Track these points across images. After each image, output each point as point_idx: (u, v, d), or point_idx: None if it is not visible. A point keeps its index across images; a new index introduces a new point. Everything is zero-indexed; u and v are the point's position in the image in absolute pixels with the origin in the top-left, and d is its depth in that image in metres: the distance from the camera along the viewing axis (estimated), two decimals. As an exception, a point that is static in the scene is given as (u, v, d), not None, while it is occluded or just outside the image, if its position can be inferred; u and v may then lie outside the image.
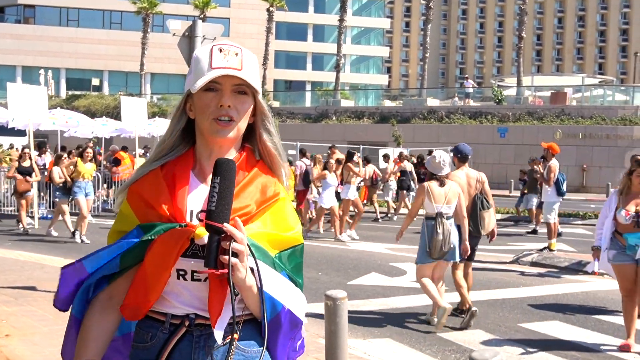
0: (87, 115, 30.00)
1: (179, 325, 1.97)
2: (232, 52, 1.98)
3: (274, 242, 2.01)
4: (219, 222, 1.80)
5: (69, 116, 22.77)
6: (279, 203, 2.05)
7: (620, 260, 6.78)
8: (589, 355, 6.71)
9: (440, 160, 7.64)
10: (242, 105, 1.99)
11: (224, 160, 1.87)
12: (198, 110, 2.01)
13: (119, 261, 1.96)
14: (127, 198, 2.05)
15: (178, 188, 1.98)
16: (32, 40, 61.40)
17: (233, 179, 1.85)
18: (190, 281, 1.95)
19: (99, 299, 2.03)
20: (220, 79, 1.97)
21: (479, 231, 8.21)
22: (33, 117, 15.76)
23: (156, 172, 2.05)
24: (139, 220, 1.98)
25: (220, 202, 1.82)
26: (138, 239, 1.93)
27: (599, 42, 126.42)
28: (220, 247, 1.82)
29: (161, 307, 1.99)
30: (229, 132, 1.98)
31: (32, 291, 8.30)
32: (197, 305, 1.96)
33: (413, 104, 41.10)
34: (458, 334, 7.36)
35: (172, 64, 57.48)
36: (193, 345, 1.97)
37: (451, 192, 7.62)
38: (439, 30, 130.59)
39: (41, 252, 11.85)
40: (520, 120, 35.29)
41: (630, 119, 33.14)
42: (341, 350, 5.79)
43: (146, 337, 2.01)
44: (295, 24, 69.91)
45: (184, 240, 1.89)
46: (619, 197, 6.86)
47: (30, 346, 5.95)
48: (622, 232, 6.76)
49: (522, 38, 43.89)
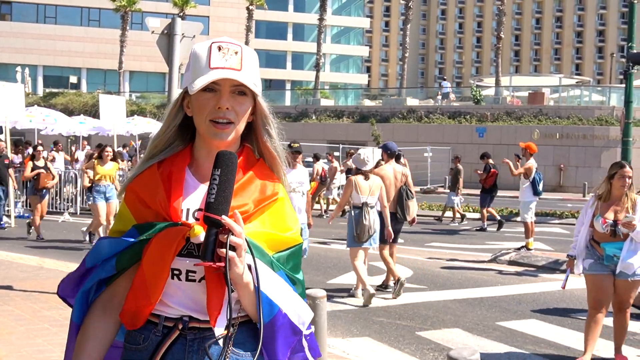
0: (65, 113, 29.79)
1: (172, 328, 1.93)
2: (232, 50, 1.93)
3: (272, 242, 1.97)
4: (218, 214, 1.77)
5: (46, 114, 22.58)
6: (278, 203, 2.01)
7: (596, 270, 6.21)
8: (566, 352, 6.78)
9: (365, 157, 8.79)
10: (241, 106, 1.95)
11: (226, 152, 1.83)
12: (195, 110, 1.96)
13: (115, 263, 1.93)
14: (125, 198, 2.02)
15: (174, 186, 1.94)
16: (8, 37, 60.66)
17: (234, 172, 1.82)
18: (185, 281, 1.91)
19: (100, 300, 1.99)
20: (219, 80, 1.91)
21: (405, 217, 9.55)
22: (10, 115, 15.60)
23: (153, 169, 2.00)
24: (136, 220, 1.95)
25: (220, 194, 1.78)
26: (133, 239, 1.90)
27: (576, 43, 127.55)
28: (217, 241, 1.78)
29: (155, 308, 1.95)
30: (226, 136, 1.93)
31: (9, 290, 8.21)
32: (192, 306, 1.92)
33: (392, 103, 41.20)
34: (436, 333, 7.40)
35: (150, 62, 57.16)
36: (186, 348, 1.93)
37: (374, 185, 8.82)
38: (418, 30, 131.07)
39: (17, 251, 11.73)
40: (499, 120, 35.49)
41: (607, 119, 33.46)
42: (321, 348, 5.80)
43: (139, 338, 1.97)
44: (275, 22, 69.84)
45: (179, 239, 1.85)
46: (597, 203, 6.30)
47: (6, 345, 5.89)
48: (600, 241, 6.21)
49: (500, 38, 44.16)
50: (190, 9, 48.62)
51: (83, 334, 1.98)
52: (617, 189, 6.24)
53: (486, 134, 34.97)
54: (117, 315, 1.96)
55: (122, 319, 1.94)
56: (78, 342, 1.99)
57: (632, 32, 13.77)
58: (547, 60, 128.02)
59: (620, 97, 34.12)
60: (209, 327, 1.91)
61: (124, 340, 2.03)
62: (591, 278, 6.28)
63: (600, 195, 6.32)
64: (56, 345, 5.87)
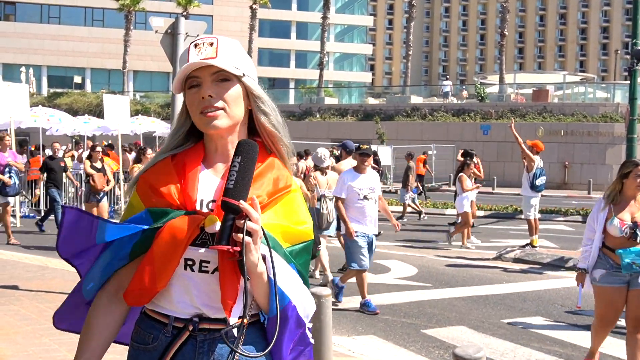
0: (69, 113, 29.84)
1: (182, 329, 1.92)
2: (207, 43, 1.95)
3: (286, 235, 1.96)
4: (236, 199, 1.77)
5: (50, 114, 22.61)
6: (291, 195, 2.01)
7: (608, 282, 5.53)
8: (572, 350, 6.77)
9: (322, 156, 9.90)
10: (225, 91, 1.95)
11: (247, 141, 1.86)
12: (188, 109, 1.99)
13: (129, 253, 1.92)
14: (137, 188, 2.01)
15: (189, 177, 1.95)
16: (12, 37, 60.77)
17: (254, 160, 1.83)
18: (198, 272, 1.90)
19: (106, 291, 1.99)
20: (198, 72, 1.94)
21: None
22: (14, 115, 15.62)
23: (166, 161, 2.01)
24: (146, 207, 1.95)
25: (239, 180, 1.79)
26: (147, 224, 1.89)
27: (580, 40, 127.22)
28: (234, 226, 1.78)
29: (165, 304, 1.94)
30: (219, 122, 1.93)
31: (15, 290, 8.23)
32: (203, 301, 1.91)
33: (396, 101, 41.17)
34: (442, 331, 7.40)
35: (154, 62, 57.17)
36: (196, 350, 1.92)
37: (331, 180, 9.67)
38: (422, 27, 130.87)
39: (23, 251, 11.76)
40: (503, 118, 35.44)
41: (611, 116, 33.40)
42: (325, 347, 5.80)
43: (148, 338, 1.96)
44: (278, 21, 69.82)
45: (194, 228, 1.86)
46: (609, 206, 5.62)
47: (12, 345, 5.90)
48: (614, 248, 5.51)
49: (504, 36, 44.11)
50: (193, 8, 48.64)
51: (87, 329, 1.98)
52: (631, 189, 5.60)
53: (490, 132, 34.94)
54: (124, 306, 1.98)
55: (126, 298, 1.93)
56: (85, 334, 1.98)
57: (636, 28, 13.71)
58: (551, 58, 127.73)
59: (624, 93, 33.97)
60: (219, 327, 1.91)
61: (131, 339, 2.03)
62: (602, 291, 5.62)
63: (610, 195, 5.68)
64: (62, 345, 5.88)
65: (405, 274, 10.67)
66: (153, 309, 1.96)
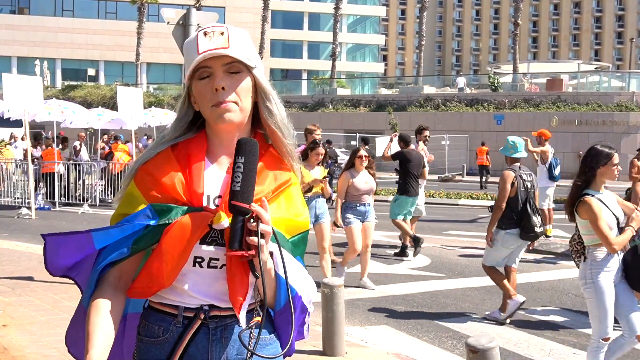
0: (83, 105, 29.92)
1: (193, 318, 1.90)
2: (217, 32, 1.90)
3: (288, 227, 1.96)
4: (245, 202, 1.75)
5: (64, 107, 22.65)
6: (291, 188, 2.00)
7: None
8: (585, 340, 6.73)
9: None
10: (238, 83, 1.90)
11: (247, 139, 1.81)
12: (198, 100, 1.93)
13: (131, 246, 1.86)
14: (135, 179, 1.94)
15: (194, 171, 1.90)
16: (27, 30, 61.11)
17: (256, 159, 1.80)
18: (207, 268, 1.89)
19: (107, 280, 1.90)
20: (209, 62, 1.88)
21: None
22: (29, 108, 15.70)
23: (167, 152, 1.95)
24: (148, 202, 1.89)
25: (245, 182, 1.76)
26: (151, 220, 1.84)
27: (595, 29, 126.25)
28: (245, 229, 1.76)
29: (173, 297, 1.92)
30: (232, 116, 1.90)
31: (30, 281, 8.31)
32: (212, 294, 1.90)
33: (409, 91, 41.05)
34: (455, 321, 7.39)
35: (167, 54, 57.29)
36: (210, 337, 1.90)
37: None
38: (434, 17, 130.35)
39: (38, 242, 11.84)
40: (517, 108, 35.29)
41: (626, 105, 33.15)
42: (338, 337, 5.82)
43: (157, 331, 1.93)
44: (291, 12, 69.77)
45: (204, 225, 1.84)
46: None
47: (28, 336, 5.96)
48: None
49: (518, 25, 43.81)
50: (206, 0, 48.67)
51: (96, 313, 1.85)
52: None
53: (504, 122, 34.78)
54: (125, 292, 1.91)
55: (130, 294, 1.90)
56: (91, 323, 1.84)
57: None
58: (565, 47, 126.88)
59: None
60: (230, 314, 1.90)
61: (137, 332, 1.99)
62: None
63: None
64: (77, 335, 5.93)
65: (418, 264, 10.66)
66: (160, 301, 1.93)
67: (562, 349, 6.47)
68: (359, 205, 8.73)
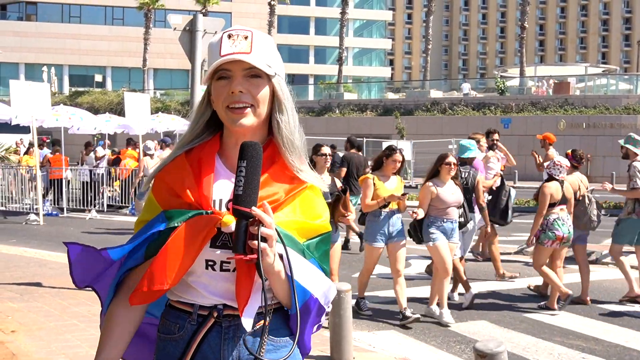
0: (91, 111, 30.03)
1: (207, 317, 1.93)
2: (242, 36, 1.91)
3: (302, 230, 1.96)
4: (247, 206, 1.76)
5: (72, 112, 22.72)
6: (308, 191, 2.00)
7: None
8: (594, 344, 6.72)
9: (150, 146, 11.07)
10: (257, 89, 1.92)
11: (250, 143, 1.81)
12: (214, 100, 1.96)
13: (144, 252, 1.91)
14: (152, 187, 2.00)
15: (204, 175, 1.92)
16: (34, 37, 61.44)
17: (259, 162, 1.80)
18: (219, 272, 1.91)
19: (124, 289, 1.98)
20: (230, 66, 1.90)
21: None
22: (36, 114, 15.77)
23: (181, 158, 1.98)
24: (162, 208, 1.93)
25: (247, 185, 1.77)
26: (163, 226, 1.88)
27: (602, 31, 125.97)
28: (248, 232, 1.78)
29: (188, 296, 1.95)
30: (245, 120, 1.91)
31: (38, 287, 8.33)
32: (226, 295, 1.92)
33: (416, 96, 41.06)
34: (462, 325, 7.37)
35: (174, 59, 57.53)
36: (222, 336, 1.93)
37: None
38: (441, 21, 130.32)
39: (46, 248, 11.88)
40: (524, 111, 35.23)
41: (634, 107, 33.06)
42: (346, 342, 5.81)
43: (174, 328, 1.97)
44: (297, 17, 69.88)
45: (210, 228, 1.84)
46: None
47: (36, 341, 5.97)
48: None
49: (524, 28, 43.78)
50: (212, 6, 48.89)
51: (109, 321, 1.98)
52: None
53: (511, 125, 34.72)
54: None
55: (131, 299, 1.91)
56: (105, 330, 1.98)
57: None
58: (572, 50, 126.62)
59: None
60: None
61: (157, 330, 2.04)
62: None
63: None
64: (84, 341, 5.94)
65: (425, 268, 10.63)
66: (177, 299, 1.97)
67: (570, 353, 6.44)
68: (445, 221, 7.55)
